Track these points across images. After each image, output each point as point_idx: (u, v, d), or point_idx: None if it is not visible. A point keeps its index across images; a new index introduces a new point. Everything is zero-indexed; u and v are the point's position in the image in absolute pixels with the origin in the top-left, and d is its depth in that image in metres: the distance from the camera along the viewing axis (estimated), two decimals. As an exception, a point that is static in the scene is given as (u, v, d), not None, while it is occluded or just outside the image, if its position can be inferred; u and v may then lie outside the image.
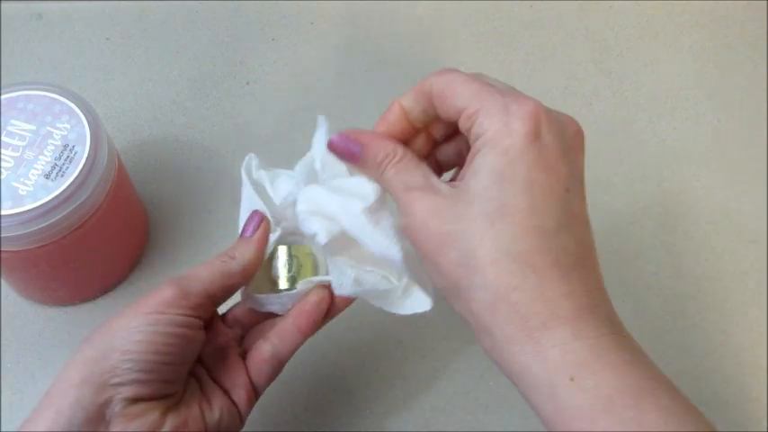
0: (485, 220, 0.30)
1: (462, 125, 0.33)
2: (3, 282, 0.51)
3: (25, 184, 0.42)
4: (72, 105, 0.45)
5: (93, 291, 0.51)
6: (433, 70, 0.64)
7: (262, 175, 0.40)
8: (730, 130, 0.61)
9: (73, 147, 0.44)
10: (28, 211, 0.41)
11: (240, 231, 0.39)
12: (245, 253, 0.38)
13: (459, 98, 0.32)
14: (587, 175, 0.59)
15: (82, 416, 0.33)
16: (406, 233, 0.33)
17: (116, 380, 0.33)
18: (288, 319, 0.39)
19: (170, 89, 0.61)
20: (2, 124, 0.44)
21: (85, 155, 0.43)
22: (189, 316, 0.35)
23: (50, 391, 0.34)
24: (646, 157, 0.59)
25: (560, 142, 0.31)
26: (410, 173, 0.33)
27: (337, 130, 0.36)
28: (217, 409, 0.37)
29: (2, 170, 0.43)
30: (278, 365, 0.39)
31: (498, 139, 0.31)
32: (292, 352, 0.39)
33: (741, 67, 0.64)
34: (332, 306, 0.39)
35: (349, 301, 0.39)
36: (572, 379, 0.29)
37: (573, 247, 0.31)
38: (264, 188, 0.40)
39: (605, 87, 0.62)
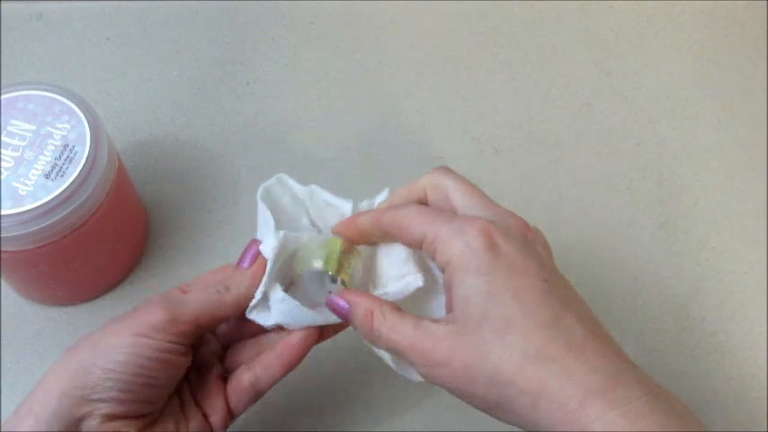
0: (495, 337, 0.33)
1: (425, 252, 0.36)
2: (3, 282, 0.51)
3: (25, 184, 0.42)
4: (72, 105, 0.45)
5: (93, 291, 0.51)
6: (432, 71, 0.64)
7: (303, 191, 0.40)
8: (730, 130, 0.61)
9: (73, 147, 0.44)
10: (28, 211, 0.41)
11: (238, 260, 0.39)
12: (240, 286, 0.38)
13: (415, 230, 0.35)
14: (587, 174, 0.59)
15: (59, 427, 0.34)
16: (429, 380, 0.35)
17: (96, 396, 0.34)
18: (273, 351, 0.39)
19: (170, 89, 0.61)
20: (2, 124, 0.44)
21: (85, 155, 0.43)
22: (174, 343, 0.36)
23: (31, 398, 0.35)
24: (646, 157, 0.59)
25: (517, 245, 0.34)
26: (402, 326, 0.35)
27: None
28: (193, 428, 0.38)
29: (2, 170, 0.43)
30: (256, 396, 0.40)
31: (466, 262, 0.33)
32: (272, 384, 0.39)
33: (741, 67, 0.64)
34: (321, 336, 0.40)
35: (340, 329, 0.40)
36: None
37: (576, 325, 0.33)
38: (300, 201, 0.41)
39: (605, 87, 0.62)
